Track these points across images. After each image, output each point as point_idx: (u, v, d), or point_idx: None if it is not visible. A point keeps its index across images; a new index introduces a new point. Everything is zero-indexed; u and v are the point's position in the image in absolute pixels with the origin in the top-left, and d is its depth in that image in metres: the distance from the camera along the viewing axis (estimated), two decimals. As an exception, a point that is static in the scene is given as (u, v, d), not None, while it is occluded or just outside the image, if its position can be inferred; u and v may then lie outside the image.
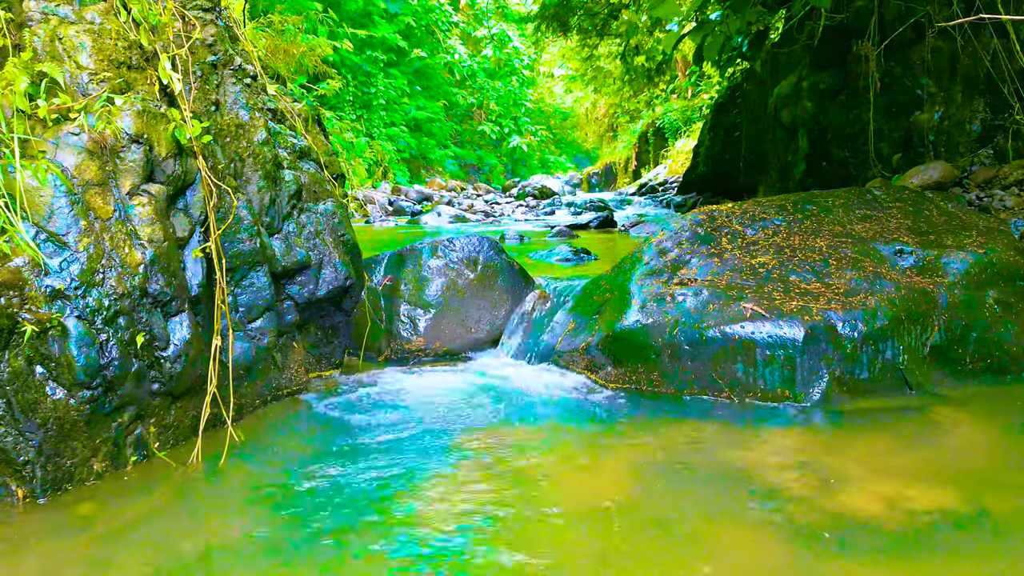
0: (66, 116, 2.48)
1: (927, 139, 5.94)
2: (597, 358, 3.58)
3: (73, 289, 2.34)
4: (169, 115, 2.72)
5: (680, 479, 2.45)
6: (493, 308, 4.31)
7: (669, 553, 1.98)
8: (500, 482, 2.43)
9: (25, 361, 2.23)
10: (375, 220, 12.77)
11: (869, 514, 2.12)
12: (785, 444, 2.72)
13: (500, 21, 33.29)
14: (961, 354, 3.32)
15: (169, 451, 2.65)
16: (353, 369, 3.90)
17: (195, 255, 2.79)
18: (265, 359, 3.24)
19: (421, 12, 27.06)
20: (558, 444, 2.87)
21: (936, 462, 2.52)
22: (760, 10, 6.95)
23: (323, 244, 3.59)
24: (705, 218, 4.19)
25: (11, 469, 2.24)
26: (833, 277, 3.51)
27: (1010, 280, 3.57)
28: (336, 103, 20.70)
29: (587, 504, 2.27)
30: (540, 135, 35.10)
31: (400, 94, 24.90)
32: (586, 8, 16.91)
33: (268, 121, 3.45)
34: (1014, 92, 5.28)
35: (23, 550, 2.03)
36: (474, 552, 1.98)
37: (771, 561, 1.92)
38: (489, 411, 3.20)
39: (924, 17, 5.86)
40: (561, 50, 30.06)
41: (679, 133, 22.91)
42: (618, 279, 3.93)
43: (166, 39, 2.90)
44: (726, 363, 3.22)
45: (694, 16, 7.83)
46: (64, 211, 2.38)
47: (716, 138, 12.35)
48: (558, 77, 38.79)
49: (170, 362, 2.63)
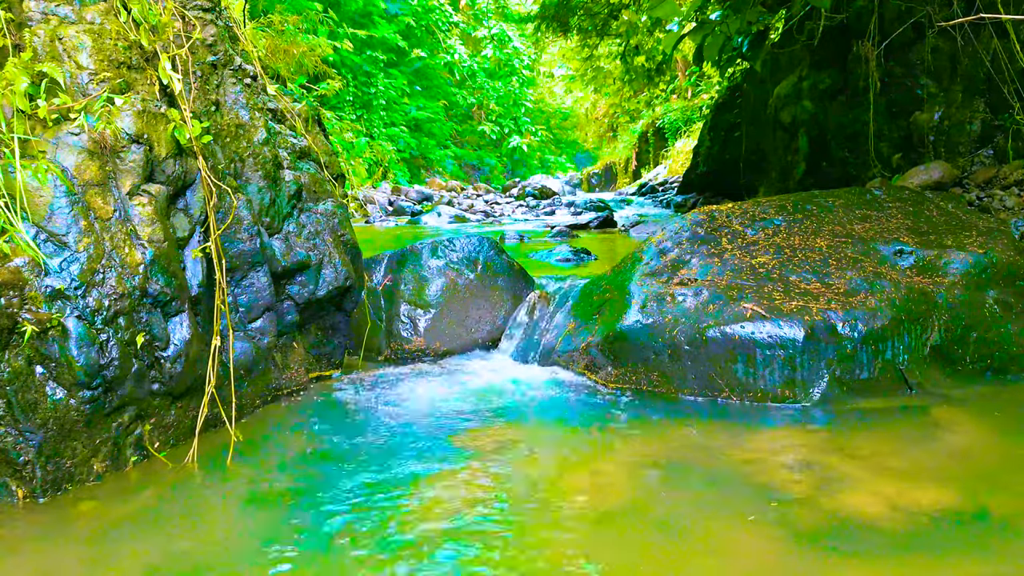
0: (66, 116, 2.48)
1: (927, 139, 5.94)
2: (597, 358, 3.58)
3: (73, 289, 2.34)
4: (169, 115, 2.72)
5: (680, 479, 2.45)
6: (493, 308, 4.31)
7: (669, 553, 1.98)
8: (500, 482, 2.43)
9: (25, 361, 2.23)
10: (375, 220, 12.77)
11: (869, 514, 2.12)
12: (785, 444, 2.72)
13: (500, 21, 33.29)
14: (961, 354, 3.32)
15: (169, 451, 2.65)
16: (353, 369, 3.90)
17: (195, 255, 2.79)
18: (265, 359, 3.24)
19: (421, 12, 27.06)
20: (558, 444, 2.87)
21: (936, 462, 2.52)
22: (760, 10, 6.95)
23: (323, 244, 3.59)
24: (705, 218, 4.19)
25: (11, 469, 2.24)
26: (833, 277, 3.51)
27: (1010, 280, 3.57)
28: (336, 103, 20.70)
29: (587, 504, 2.27)
30: (540, 135, 35.11)
31: (400, 94, 24.90)
32: (586, 8, 16.90)
33: (268, 121, 3.45)
34: (1014, 92, 5.28)
35: (23, 550, 2.03)
36: (474, 552, 1.97)
37: (771, 561, 1.92)
38: (489, 411, 3.20)
39: (924, 17, 5.86)
40: (561, 50, 30.06)
41: (679, 133, 22.91)
42: (618, 279, 3.93)
43: (166, 39, 2.90)
44: (726, 363, 3.22)
45: (694, 16, 7.83)
46: (64, 211, 2.38)
47: (716, 138, 12.35)
48: (558, 77, 38.80)
49: (170, 362, 2.63)
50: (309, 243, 3.52)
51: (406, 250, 4.48)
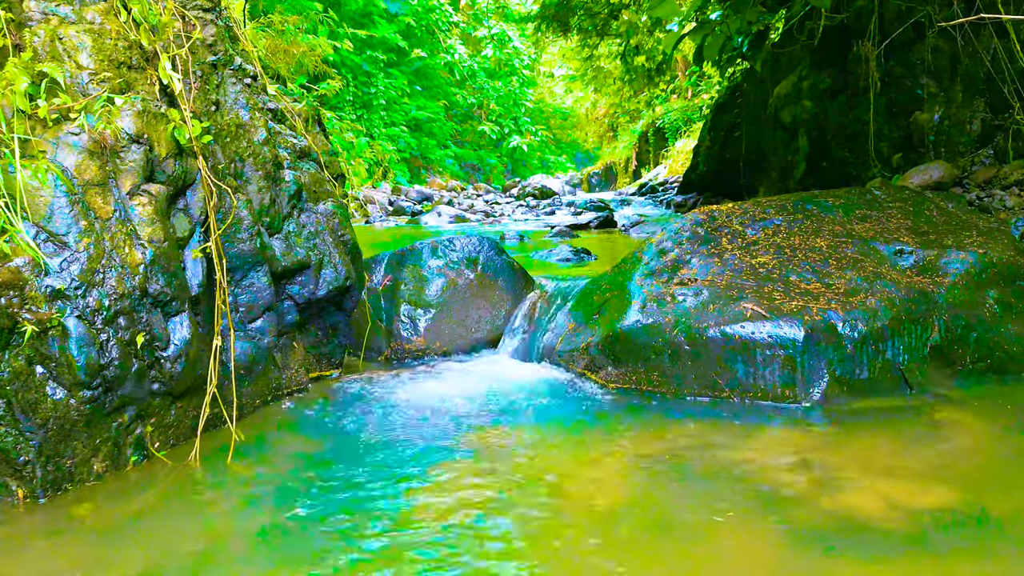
0: (66, 116, 2.48)
1: (927, 139, 5.94)
2: (597, 358, 3.58)
3: (73, 289, 2.34)
4: (169, 115, 2.72)
5: (680, 479, 2.45)
6: (493, 308, 4.31)
7: (669, 553, 1.98)
8: (500, 482, 2.43)
9: (25, 361, 2.23)
10: (375, 220, 12.77)
11: (869, 514, 2.12)
12: (785, 444, 2.72)
13: (500, 21, 33.27)
14: (961, 354, 3.32)
15: (169, 451, 2.65)
16: (353, 369, 3.90)
17: (195, 255, 2.79)
18: (265, 359, 3.24)
19: (421, 12, 27.05)
20: (558, 444, 2.87)
21: (936, 462, 2.52)
22: (760, 10, 6.95)
23: (323, 244, 3.59)
24: (705, 218, 4.19)
25: (11, 469, 2.24)
26: (833, 277, 3.51)
27: (1010, 280, 3.57)
28: (336, 103, 20.69)
29: (587, 504, 2.27)
30: (540, 135, 35.09)
31: (400, 94, 24.89)
32: (586, 8, 16.91)
33: (268, 121, 3.45)
34: (1014, 92, 5.28)
35: (23, 550, 2.03)
36: (474, 552, 1.97)
37: (771, 561, 1.92)
38: (489, 411, 3.20)
39: (924, 17, 5.86)
40: (561, 50, 30.07)
41: (679, 133, 22.90)
42: (618, 279, 3.93)
43: (166, 39, 2.90)
44: (726, 363, 3.22)
45: (694, 16, 7.83)
46: (64, 211, 2.38)
47: (716, 138, 12.34)
48: (558, 77, 38.80)
49: (170, 362, 2.63)
50: (309, 243, 3.52)
51: (406, 250, 4.48)
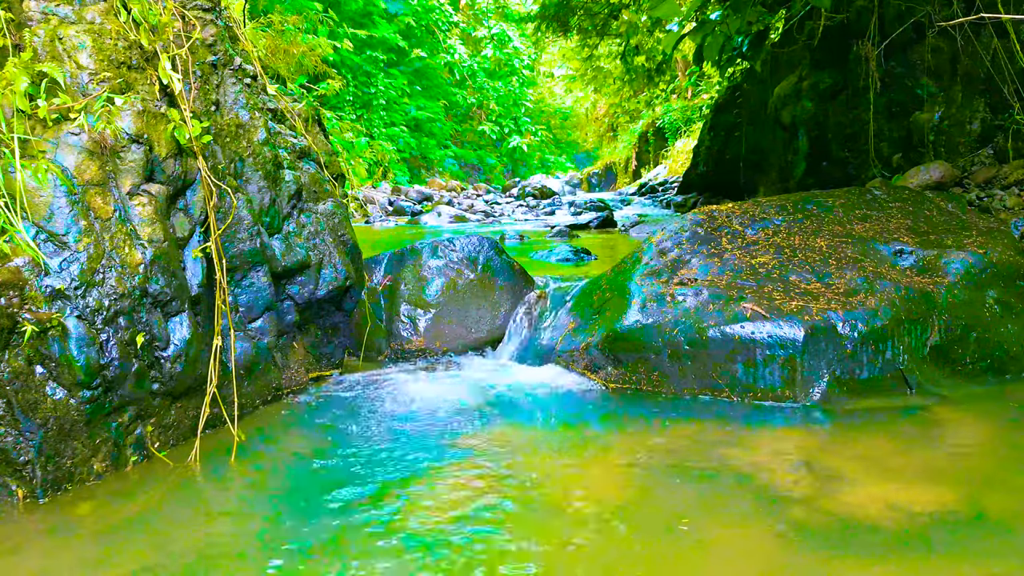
0: (66, 116, 2.48)
1: (927, 139, 5.94)
2: (597, 358, 3.58)
3: (73, 289, 2.34)
4: (169, 115, 2.72)
5: (680, 479, 2.45)
6: (493, 308, 4.31)
7: (669, 553, 1.98)
8: (500, 482, 2.43)
9: (25, 361, 2.23)
10: (375, 220, 12.77)
11: (869, 514, 2.12)
12: (785, 444, 2.72)
13: (500, 21, 33.29)
14: (961, 354, 3.32)
15: (169, 451, 2.65)
16: (353, 369, 3.90)
17: (195, 255, 2.79)
18: (265, 359, 3.24)
19: (421, 12, 27.06)
20: (558, 444, 2.87)
21: (936, 462, 2.52)
22: (760, 10, 6.95)
23: (323, 244, 3.59)
24: (705, 218, 4.19)
25: (11, 469, 2.24)
26: (833, 277, 3.51)
27: (1010, 280, 3.57)
28: (336, 103, 20.70)
29: (587, 504, 2.27)
30: (540, 135, 35.10)
31: (400, 94, 24.90)
32: (586, 8, 16.91)
33: (268, 121, 3.45)
34: (1014, 92, 5.28)
35: (23, 550, 2.03)
36: (474, 552, 1.97)
37: (771, 561, 1.92)
38: (489, 411, 3.20)
39: (924, 17, 5.86)
40: (561, 50, 30.07)
41: (679, 133, 22.91)
42: (618, 279, 3.93)
43: (166, 39, 2.90)
44: (726, 363, 3.22)
45: (694, 16, 7.83)
46: (64, 211, 2.38)
47: (716, 138, 12.34)
48: (558, 77, 38.80)
49: (170, 362, 2.63)
50: (309, 243, 3.52)
51: (406, 250, 4.48)
